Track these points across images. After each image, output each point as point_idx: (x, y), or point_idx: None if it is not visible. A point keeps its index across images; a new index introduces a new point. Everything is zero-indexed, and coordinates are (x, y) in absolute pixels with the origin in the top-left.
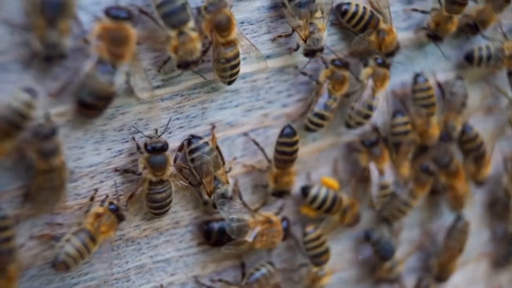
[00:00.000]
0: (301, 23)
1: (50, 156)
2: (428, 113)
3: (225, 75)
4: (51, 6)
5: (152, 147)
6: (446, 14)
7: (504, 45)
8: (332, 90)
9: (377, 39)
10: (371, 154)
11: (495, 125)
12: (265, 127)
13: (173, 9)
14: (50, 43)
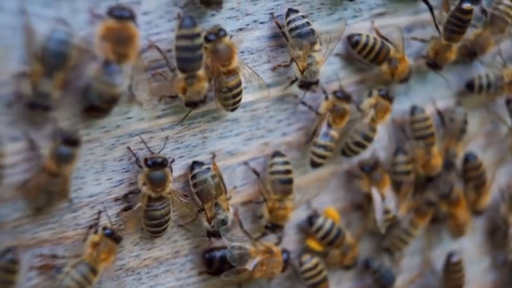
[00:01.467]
0: (300, 54)
1: (63, 162)
2: (427, 144)
3: (227, 104)
4: (54, 55)
5: (152, 162)
6: (445, 42)
7: (504, 72)
8: (332, 123)
9: (389, 68)
10: (371, 179)
11: (495, 153)
12: (265, 156)
13: (191, 57)
14: (41, 92)
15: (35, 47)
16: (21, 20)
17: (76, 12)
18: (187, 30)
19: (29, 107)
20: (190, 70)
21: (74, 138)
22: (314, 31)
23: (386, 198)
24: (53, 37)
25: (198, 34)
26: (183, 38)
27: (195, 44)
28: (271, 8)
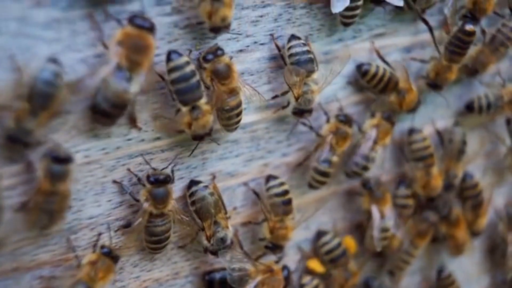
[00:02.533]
0: (296, 81)
1: (57, 179)
2: (427, 165)
3: (230, 123)
4: (40, 96)
5: (155, 178)
6: (445, 63)
7: (503, 92)
8: (335, 145)
9: (398, 98)
10: (372, 196)
11: (494, 173)
12: (265, 176)
13: (187, 87)
14: (24, 128)
15: (23, 86)
16: (20, 43)
17: (76, 34)
18: (175, 62)
19: (9, 140)
20: (191, 101)
21: (63, 155)
22: (313, 60)
23: (386, 216)
24: (41, 77)
25: (187, 62)
26: (174, 70)
27: (186, 73)
28: (271, 29)
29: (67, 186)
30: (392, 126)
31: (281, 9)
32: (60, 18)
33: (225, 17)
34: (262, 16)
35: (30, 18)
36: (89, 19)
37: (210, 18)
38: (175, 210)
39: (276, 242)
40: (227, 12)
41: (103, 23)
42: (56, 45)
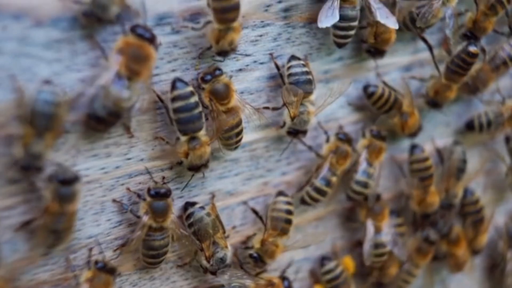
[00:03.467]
0: (294, 101)
1: (65, 201)
2: (425, 185)
3: (230, 143)
4: (42, 117)
5: (155, 192)
6: (445, 82)
7: (503, 109)
8: (336, 164)
9: (400, 121)
10: (371, 210)
11: (494, 191)
12: (265, 195)
13: (189, 117)
14: (33, 153)
15: (24, 110)
16: (20, 63)
17: (76, 54)
18: (180, 91)
19: (22, 170)
20: (190, 132)
21: (71, 177)
22: (312, 81)
23: (383, 231)
24: (40, 99)
25: (192, 93)
26: (178, 100)
27: (190, 103)
28: (270, 48)
29: (75, 206)
30: (384, 142)
31: (281, 28)
32: (60, 38)
33: (232, 41)
34: (261, 36)
35: (30, 38)
36: (89, 40)
37: (218, 42)
38: (174, 224)
39: (262, 255)
40: (235, 36)
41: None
42: (57, 65)
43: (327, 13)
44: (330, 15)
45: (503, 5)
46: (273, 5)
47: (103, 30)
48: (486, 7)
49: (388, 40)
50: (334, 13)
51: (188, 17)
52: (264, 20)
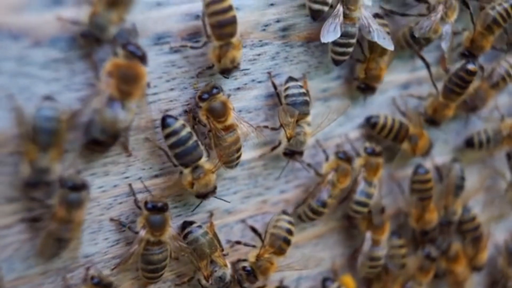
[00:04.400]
0: (290, 121)
1: (73, 208)
2: (424, 205)
3: (231, 160)
4: (44, 133)
5: (152, 205)
6: (442, 100)
7: (501, 126)
8: (336, 182)
9: (410, 145)
10: (372, 223)
11: (494, 208)
12: (263, 213)
13: (186, 150)
14: (40, 168)
15: (25, 127)
16: (19, 82)
17: (75, 74)
18: (171, 127)
19: (31, 187)
20: (191, 163)
21: (80, 183)
22: (309, 103)
23: (381, 245)
24: (40, 115)
25: (183, 125)
26: (170, 136)
27: (183, 136)
28: (268, 67)
29: (82, 214)
30: (380, 157)
31: (279, 47)
32: (58, 58)
33: (234, 59)
34: (259, 55)
35: (29, 58)
36: (87, 59)
37: (220, 61)
38: (173, 237)
39: (256, 270)
40: (236, 53)
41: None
42: (55, 84)
43: (329, 29)
44: (332, 31)
45: (499, 24)
46: (271, 25)
47: (101, 50)
48: (482, 27)
49: (378, 77)
50: (336, 29)
51: (187, 36)
52: (262, 39)
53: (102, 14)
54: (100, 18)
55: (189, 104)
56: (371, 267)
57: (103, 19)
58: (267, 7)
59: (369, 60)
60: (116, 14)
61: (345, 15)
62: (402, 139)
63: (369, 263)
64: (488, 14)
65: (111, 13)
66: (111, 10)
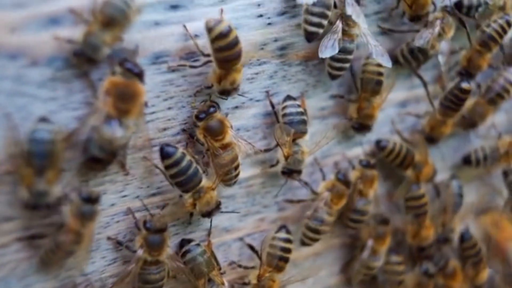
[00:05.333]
0: (287, 140)
1: (86, 219)
2: (419, 221)
3: (229, 178)
4: (39, 156)
5: (151, 225)
6: (439, 118)
7: (499, 144)
8: (331, 203)
9: (414, 172)
10: (374, 231)
11: None
12: (261, 231)
13: (186, 179)
14: (38, 192)
15: (20, 151)
16: (16, 101)
17: (72, 93)
18: (171, 159)
19: (32, 209)
20: (191, 189)
21: (95, 195)
22: (306, 122)
23: (378, 256)
24: (33, 139)
25: (183, 154)
26: (171, 167)
27: (184, 166)
28: (266, 86)
29: (93, 227)
30: (375, 169)
31: (277, 66)
32: (55, 77)
33: (234, 81)
34: (257, 74)
35: (26, 77)
36: (84, 78)
37: (220, 82)
38: (170, 257)
39: None
40: (236, 76)
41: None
42: (52, 103)
43: (327, 44)
44: (331, 47)
45: (495, 41)
46: (269, 44)
47: (98, 69)
48: (479, 44)
49: (371, 116)
50: (334, 45)
51: (185, 55)
52: (260, 58)
53: (96, 34)
54: (94, 38)
55: (186, 123)
56: (365, 275)
57: (97, 39)
58: (265, 26)
59: (361, 99)
60: (110, 35)
61: (344, 31)
62: (408, 166)
63: (364, 271)
64: (484, 32)
65: (106, 33)
66: (106, 30)
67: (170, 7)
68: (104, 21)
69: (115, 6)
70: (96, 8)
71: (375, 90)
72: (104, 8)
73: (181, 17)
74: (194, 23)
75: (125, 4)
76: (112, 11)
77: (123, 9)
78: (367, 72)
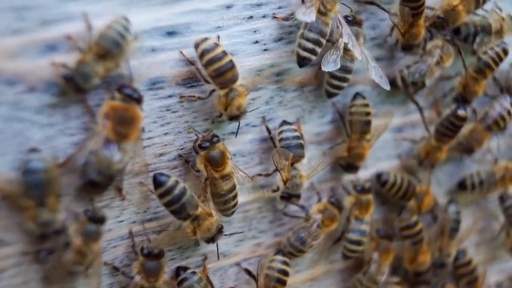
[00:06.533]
0: (285, 164)
1: (91, 239)
2: (416, 249)
3: (227, 207)
4: (36, 186)
5: (148, 251)
6: (435, 144)
7: (495, 169)
8: (321, 224)
9: (416, 202)
10: (379, 245)
11: (487, 250)
12: (257, 256)
13: (181, 206)
14: (44, 222)
15: (16, 186)
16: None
17: (69, 118)
18: (163, 187)
19: (43, 240)
20: (188, 216)
21: (100, 215)
22: (303, 146)
23: (382, 271)
24: (28, 169)
25: (176, 182)
26: (165, 195)
27: (176, 194)
28: (263, 112)
29: (99, 246)
30: (370, 194)
31: (273, 92)
32: (53, 103)
33: (240, 106)
34: (254, 99)
35: (24, 102)
36: (82, 104)
37: (226, 109)
38: (167, 283)
39: None
40: (242, 100)
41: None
42: (49, 129)
43: (330, 59)
44: (333, 62)
45: (491, 69)
46: (266, 70)
47: (96, 95)
48: (475, 71)
49: (361, 156)
50: (336, 61)
51: (181, 81)
52: (256, 84)
53: (90, 64)
54: (87, 67)
55: (183, 148)
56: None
57: (90, 69)
58: (261, 52)
59: (351, 139)
60: (104, 66)
61: (346, 50)
62: (410, 198)
63: (371, 285)
64: (481, 59)
65: (99, 64)
66: (100, 61)
67: (167, 34)
68: (99, 52)
69: (111, 39)
70: (92, 38)
71: (365, 130)
72: (100, 40)
73: (177, 43)
74: (190, 50)
75: (121, 37)
76: (107, 44)
77: (118, 43)
78: (354, 114)
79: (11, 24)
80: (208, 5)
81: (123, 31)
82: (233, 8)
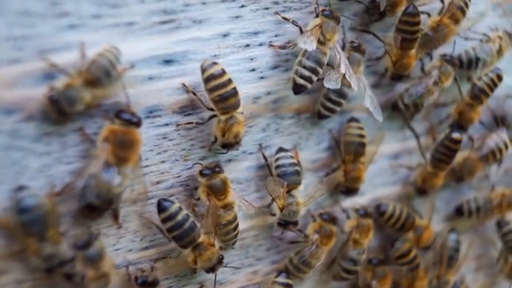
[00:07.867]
0: (281, 192)
1: (96, 261)
2: (413, 275)
3: (229, 238)
4: (34, 223)
5: (142, 280)
6: (431, 170)
7: (492, 195)
8: (320, 244)
9: (415, 235)
10: (375, 273)
11: (485, 277)
12: (254, 284)
13: (184, 232)
14: (48, 256)
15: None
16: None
17: (66, 147)
18: (167, 212)
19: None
20: (189, 244)
21: (87, 238)
22: (300, 173)
23: None
24: (22, 208)
25: (180, 208)
26: (168, 220)
27: (179, 220)
28: (259, 139)
29: (109, 263)
30: (371, 218)
31: (269, 119)
32: (50, 132)
33: (238, 134)
34: (250, 127)
35: (21, 131)
36: (80, 132)
37: (224, 135)
38: None
39: None
40: (240, 128)
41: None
42: (46, 157)
43: (331, 77)
44: (335, 80)
45: (486, 95)
46: (262, 97)
47: (93, 123)
48: (470, 98)
49: (358, 178)
50: (338, 80)
51: (178, 109)
52: (252, 112)
53: (77, 88)
54: (74, 92)
55: (179, 176)
56: None
57: (76, 94)
58: (257, 80)
59: (346, 163)
60: (91, 93)
61: (345, 76)
62: (408, 229)
63: None
64: (475, 85)
65: (86, 91)
66: (87, 88)
67: (164, 62)
68: (88, 78)
69: (102, 67)
70: (83, 64)
71: (359, 151)
72: (90, 66)
73: (174, 71)
74: (187, 78)
75: (111, 66)
76: (97, 71)
77: (108, 71)
78: (349, 135)
79: (9, 54)
80: (205, 34)
81: (114, 60)
82: (230, 37)
